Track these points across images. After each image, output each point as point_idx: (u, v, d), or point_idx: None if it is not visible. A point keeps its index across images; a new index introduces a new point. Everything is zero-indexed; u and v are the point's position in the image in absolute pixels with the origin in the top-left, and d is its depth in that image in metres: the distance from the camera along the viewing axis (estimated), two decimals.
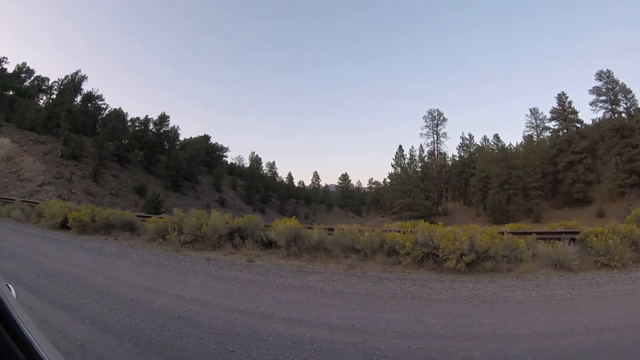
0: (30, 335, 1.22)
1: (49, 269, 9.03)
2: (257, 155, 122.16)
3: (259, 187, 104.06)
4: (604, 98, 71.49)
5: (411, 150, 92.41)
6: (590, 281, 8.41)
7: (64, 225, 16.10)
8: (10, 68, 72.71)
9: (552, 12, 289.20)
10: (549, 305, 6.73)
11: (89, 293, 7.09)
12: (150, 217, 16.27)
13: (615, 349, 4.76)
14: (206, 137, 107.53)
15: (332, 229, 12.12)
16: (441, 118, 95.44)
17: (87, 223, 15.50)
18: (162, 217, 14.63)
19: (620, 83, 70.00)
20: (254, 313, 6.24)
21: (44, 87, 75.29)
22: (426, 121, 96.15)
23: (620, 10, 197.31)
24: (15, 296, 1.73)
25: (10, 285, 1.70)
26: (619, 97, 69.98)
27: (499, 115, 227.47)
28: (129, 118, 78.92)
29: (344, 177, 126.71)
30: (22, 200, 24.79)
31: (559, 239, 10.43)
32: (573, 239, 10.68)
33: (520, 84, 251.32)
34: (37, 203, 21.88)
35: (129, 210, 19.18)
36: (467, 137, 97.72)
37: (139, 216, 17.17)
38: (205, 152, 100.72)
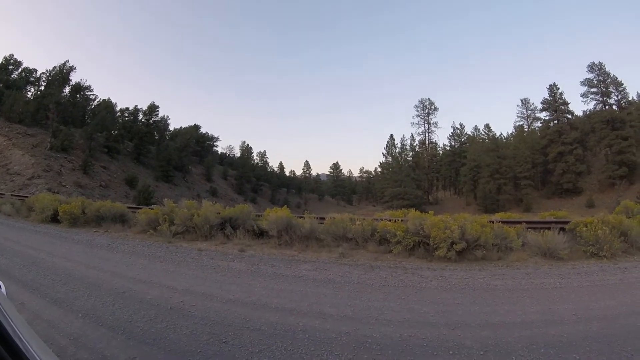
0: (19, 333, 1.21)
1: (40, 263, 8.97)
2: (247, 144, 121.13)
3: (250, 176, 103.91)
4: (595, 90, 71.74)
5: (402, 140, 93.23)
6: (579, 270, 8.50)
7: (54, 219, 16.03)
8: None
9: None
10: (539, 294, 6.80)
11: (80, 286, 7.06)
12: (141, 208, 16.21)
13: (605, 338, 4.81)
14: (196, 127, 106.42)
15: (324, 218, 12.15)
16: (432, 107, 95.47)
17: (77, 216, 15.41)
18: (153, 208, 14.55)
19: (612, 75, 70.43)
20: (247, 303, 6.25)
21: (32, 78, 74.05)
22: (417, 110, 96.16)
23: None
24: (5, 292, 1.72)
25: None
26: (610, 89, 70.32)
27: (490, 105, 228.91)
28: (118, 108, 78.36)
29: (335, 167, 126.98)
30: (12, 195, 24.70)
31: (549, 229, 10.50)
32: (563, 229, 10.79)
33: (512, 75, 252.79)
34: (27, 197, 21.77)
35: (119, 202, 19.06)
36: (458, 126, 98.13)
37: (129, 208, 17.09)
38: (196, 142, 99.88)
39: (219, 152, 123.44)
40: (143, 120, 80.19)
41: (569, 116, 76.03)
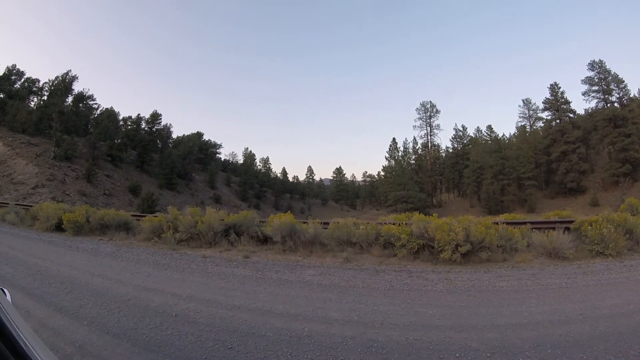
0: (26, 341, 1.20)
1: (45, 271, 8.99)
2: (250, 151, 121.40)
3: (254, 183, 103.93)
4: (596, 88, 71.70)
5: (405, 143, 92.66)
6: (585, 270, 8.44)
7: (58, 227, 16.05)
8: None
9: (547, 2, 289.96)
10: (545, 294, 6.77)
11: (85, 294, 7.07)
12: (145, 216, 16.23)
13: (612, 337, 4.78)
14: (199, 134, 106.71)
15: (328, 223, 12.14)
16: (434, 110, 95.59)
17: (81, 224, 15.43)
18: (157, 216, 14.55)
19: (612, 73, 70.38)
20: (252, 309, 6.25)
21: (34, 88, 74.27)
22: (419, 113, 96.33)
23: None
24: (10, 300, 1.72)
25: (5, 290, 1.69)
26: (612, 87, 70.17)
27: (492, 107, 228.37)
28: (120, 117, 79.18)
29: (338, 171, 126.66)
30: (16, 204, 24.72)
31: (554, 229, 10.48)
32: (567, 228, 10.73)
33: (513, 75, 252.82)
34: (31, 206, 21.82)
35: (123, 210, 19.13)
36: (461, 128, 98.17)
37: (133, 216, 17.11)
38: (199, 149, 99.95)
39: (222, 159, 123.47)
40: (146, 128, 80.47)
41: (571, 115, 75.75)
